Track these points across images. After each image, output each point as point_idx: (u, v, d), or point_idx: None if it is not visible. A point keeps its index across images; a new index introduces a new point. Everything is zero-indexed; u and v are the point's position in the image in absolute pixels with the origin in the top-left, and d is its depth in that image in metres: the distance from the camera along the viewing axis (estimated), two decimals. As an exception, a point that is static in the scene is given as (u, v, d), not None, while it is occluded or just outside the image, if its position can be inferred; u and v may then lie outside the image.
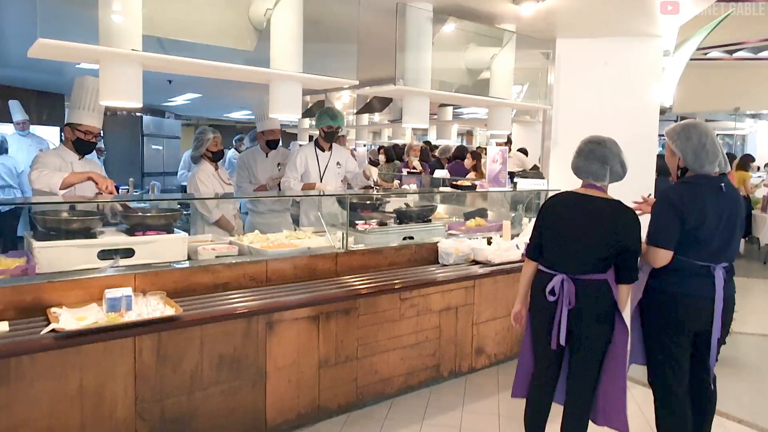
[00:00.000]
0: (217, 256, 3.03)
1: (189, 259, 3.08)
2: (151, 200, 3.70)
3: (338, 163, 4.64)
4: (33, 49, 2.27)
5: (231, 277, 2.80)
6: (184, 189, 7.24)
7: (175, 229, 3.18)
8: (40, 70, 7.80)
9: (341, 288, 2.94)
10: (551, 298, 2.38)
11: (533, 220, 4.04)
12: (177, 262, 2.97)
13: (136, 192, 7.55)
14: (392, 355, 3.39)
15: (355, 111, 8.36)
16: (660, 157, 4.56)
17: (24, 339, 2.02)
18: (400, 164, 7.37)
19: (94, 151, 6.84)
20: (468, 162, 6.74)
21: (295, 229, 3.87)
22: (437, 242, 3.64)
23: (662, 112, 4.53)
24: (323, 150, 4.55)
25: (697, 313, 2.43)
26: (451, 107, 7.01)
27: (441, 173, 6.53)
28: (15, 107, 7.15)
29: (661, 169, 4.68)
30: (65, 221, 2.84)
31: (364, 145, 9.28)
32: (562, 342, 2.36)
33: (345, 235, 3.24)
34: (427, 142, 9.62)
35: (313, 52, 3.15)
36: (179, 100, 11.84)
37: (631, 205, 2.54)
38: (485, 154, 8.50)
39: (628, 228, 2.35)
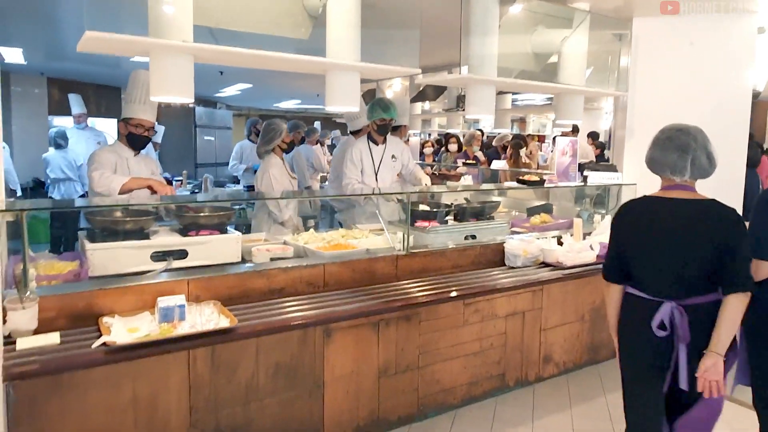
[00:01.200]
0: (271, 258, 2.88)
1: (242, 260, 2.96)
2: (223, 201, 3.58)
3: (393, 156, 4.43)
4: (82, 43, 2.15)
5: (287, 282, 2.64)
6: (236, 180, 7.19)
7: (228, 228, 3.07)
8: (98, 64, 7.93)
9: (402, 296, 2.72)
10: (661, 334, 1.97)
11: (607, 217, 3.73)
12: (231, 264, 2.85)
13: (189, 183, 7.59)
14: (455, 364, 3.17)
15: (408, 100, 8.10)
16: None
17: (75, 353, 1.91)
18: (457, 154, 7.07)
19: (151, 145, 6.90)
20: (509, 151, 6.35)
21: (352, 227, 3.68)
22: (503, 242, 3.37)
23: (753, 96, 4.08)
24: (377, 143, 4.34)
25: None
26: (510, 94, 6.65)
27: (499, 164, 6.21)
28: (74, 100, 7.28)
29: (750, 161, 4.24)
30: (119, 222, 2.75)
31: (415, 135, 9.00)
32: (684, 386, 1.96)
33: (406, 236, 3.02)
34: (480, 131, 9.27)
35: (371, 39, 2.93)
36: (230, 91, 11.90)
37: None
38: (537, 140, 8.03)
39: (732, 228, 1.92)
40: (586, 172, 4.07)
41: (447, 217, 3.72)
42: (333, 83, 2.76)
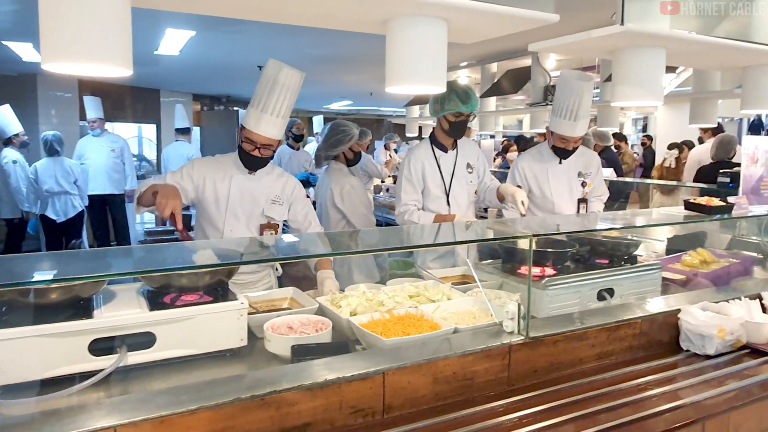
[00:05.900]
0: (294, 345, 1.69)
1: (253, 335, 1.81)
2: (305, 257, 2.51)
3: (469, 166, 3.17)
4: None
5: (316, 413, 1.42)
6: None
7: (230, 289, 1.91)
8: (134, 63, 7.09)
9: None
10: None
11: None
12: (229, 352, 1.70)
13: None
14: None
15: (478, 94, 6.82)
16: None
17: None
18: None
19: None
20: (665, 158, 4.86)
21: (422, 272, 2.45)
22: (676, 312, 2.04)
23: None
24: (445, 149, 3.09)
25: None
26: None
27: (605, 173, 4.82)
28: (90, 103, 6.42)
29: None
30: (33, 291, 1.62)
31: (492, 137, 7.65)
32: None
33: (524, 310, 1.74)
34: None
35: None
36: (275, 91, 10.94)
37: None
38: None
39: None
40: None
41: (566, 262, 2.42)
42: (398, 41, 1.53)
